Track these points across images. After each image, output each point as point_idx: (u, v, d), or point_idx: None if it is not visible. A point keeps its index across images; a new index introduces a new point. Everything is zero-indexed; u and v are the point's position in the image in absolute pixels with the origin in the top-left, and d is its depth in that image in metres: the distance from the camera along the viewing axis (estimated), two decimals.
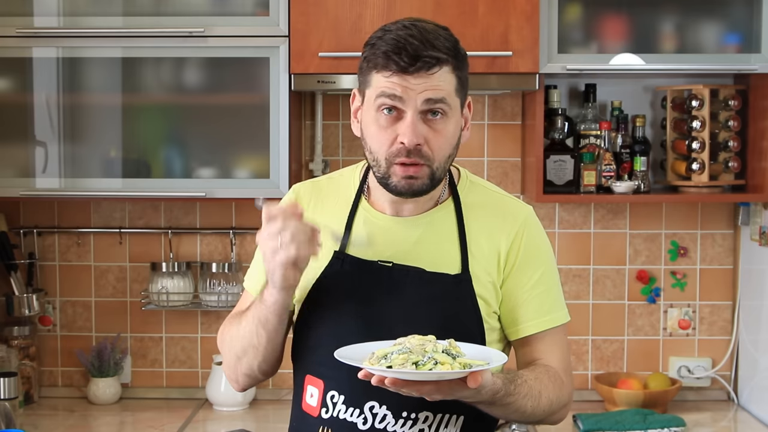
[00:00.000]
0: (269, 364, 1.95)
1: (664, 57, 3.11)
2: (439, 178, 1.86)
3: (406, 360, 1.65)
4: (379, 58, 1.78)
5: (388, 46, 1.78)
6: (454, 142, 1.86)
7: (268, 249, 1.75)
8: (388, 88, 1.79)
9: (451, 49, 1.80)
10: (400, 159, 1.81)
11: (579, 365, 3.45)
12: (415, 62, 1.76)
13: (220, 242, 3.46)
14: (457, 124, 1.85)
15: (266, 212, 1.75)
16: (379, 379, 1.64)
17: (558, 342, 1.95)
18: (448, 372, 1.62)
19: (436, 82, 1.78)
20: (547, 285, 1.94)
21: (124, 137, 3.12)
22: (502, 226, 1.93)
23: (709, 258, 3.44)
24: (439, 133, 1.82)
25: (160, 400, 3.45)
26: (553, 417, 1.92)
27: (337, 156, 3.45)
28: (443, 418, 1.86)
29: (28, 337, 3.38)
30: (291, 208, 1.75)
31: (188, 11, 3.08)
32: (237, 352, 1.94)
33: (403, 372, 1.62)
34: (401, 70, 1.77)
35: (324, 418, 1.89)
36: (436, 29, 1.82)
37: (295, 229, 1.73)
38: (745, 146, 3.24)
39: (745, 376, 3.38)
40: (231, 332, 1.97)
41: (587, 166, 3.21)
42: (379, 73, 1.80)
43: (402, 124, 1.80)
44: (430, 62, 1.77)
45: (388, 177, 1.84)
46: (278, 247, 1.73)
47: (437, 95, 1.79)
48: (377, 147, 1.83)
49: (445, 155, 1.85)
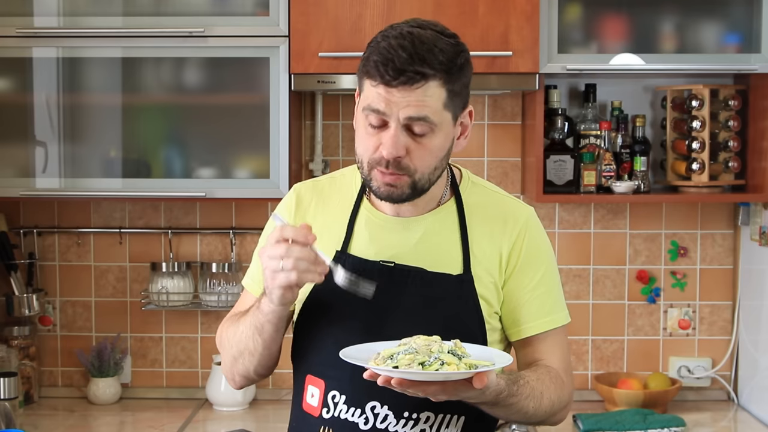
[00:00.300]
0: (265, 368, 1.95)
1: (664, 57, 3.11)
2: (422, 187, 1.85)
3: (413, 360, 1.65)
4: (370, 65, 1.78)
5: (379, 56, 1.76)
6: (441, 155, 1.84)
7: (269, 269, 1.74)
8: (373, 102, 1.78)
9: (444, 63, 1.76)
10: (380, 168, 1.81)
11: (579, 365, 3.45)
12: (398, 76, 1.74)
13: (220, 242, 3.46)
14: (446, 136, 1.83)
15: (278, 233, 1.73)
16: (386, 380, 1.64)
17: (559, 343, 1.95)
18: (454, 372, 1.62)
19: (420, 97, 1.76)
20: (548, 286, 1.94)
21: (124, 137, 3.12)
22: (504, 227, 1.93)
23: (709, 258, 3.44)
24: (423, 146, 1.80)
25: (160, 400, 3.45)
26: (554, 417, 1.92)
27: (337, 156, 3.45)
28: (444, 418, 1.87)
29: (28, 337, 3.38)
30: (302, 234, 1.73)
31: (188, 11, 3.07)
32: (233, 354, 1.95)
33: (410, 372, 1.62)
34: (385, 83, 1.76)
35: (325, 418, 1.89)
36: (435, 38, 1.78)
37: (299, 255, 1.72)
38: (745, 146, 3.24)
39: (745, 376, 3.38)
40: (228, 333, 1.97)
41: (587, 166, 3.21)
42: (368, 80, 1.79)
43: (385, 134, 1.79)
44: (414, 78, 1.74)
45: (370, 180, 1.84)
46: (279, 269, 1.72)
47: (419, 113, 1.76)
48: (362, 150, 1.84)
49: (429, 167, 1.83)
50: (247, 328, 1.88)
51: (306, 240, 1.72)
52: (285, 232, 1.73)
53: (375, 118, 1.79)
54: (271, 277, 1.74)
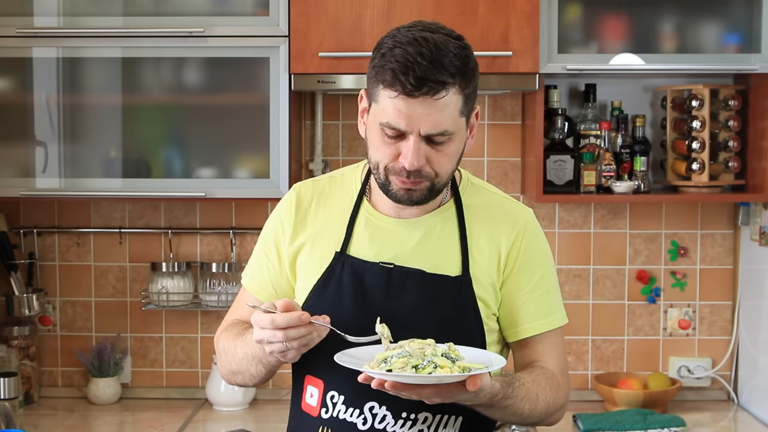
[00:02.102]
0: (264, 381, 1.98)
1: (664, 57, 3.11)
2: (440, 189, 1.86)
3: (406, 363, 1.66)
4: (387, 74, 1.75)
5: (397, 64, 1.74)
6: (457, 158, 1.86)
7: (275, 352, 1.76)
8: (393, 120, 1.76)
9: (460, 68, 1.76)
10: (400, 178, 1.81)
11: (579, 365, 3.45)
12: (421, 86, 1.73)
13: (220, 242, 3.46)
14: (461, 140, 1.84)
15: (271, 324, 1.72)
16: (379, 383, 1.64)
17: (556, 344, 1.96)
18: (447, 375, 1.63)
19: (441, 107, 1.75)
20: (546, 288, 1.95)
21: (124, 137, 3.12)
22: (503, 228, 1.94)
23: (709, 258, 3.44)
24: (442, 153, 1.81)
25: (160, 400, 3.45)
26: (549, 419, 1.93)
27: (337, 156, 3.45)
28: (442, 418, 1.87)
29: (28, 337, 3.38)
30: (296, 319, 1.72)
31: (188, 11, 3.07)
32: (232, 369, 1.97)
33: (403, 375, 1.63)
34: (406, 93, 1.74)
35: (324, 418, 1.89)
36: (446, 42, 1.76)
37: (301, 334, 1.73)
38: (745, 146, 3.24)
39: (745, 376, 3.38)
40: (226, 347, 1.98)
41: (587, 166, 3.21)
42: (386, 91, 1.77)
43: (405, 145, 1.78)
44: (436, 87, 1.73)
45: (388, 184, 1.84)
46: (286, 349, 1.74)
47: (437, 129, 1.76)
48: (379, 158, 1.83)
49: (448, 171, 1.84)
50: (248, 358, 1.90)
51: (302, 321, 1.72)
52: (278, 322, 1.71)
53: (392, 131, 1.78)
54: (282, 355, 1.77)
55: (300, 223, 1.98)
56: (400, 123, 1.76)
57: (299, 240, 1.97)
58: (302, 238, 1.97)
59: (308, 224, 1.98)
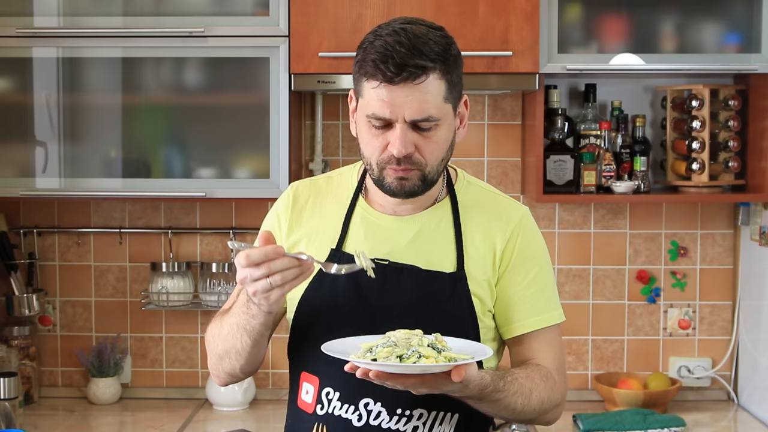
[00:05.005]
0: (251, 365, 1.96)
1: (664, 57, 3.11)
2: (432, 180, 1.87)
3: (391, 353, 1.66)
4: (368, 65, 1.78)
5: (376, 54, 1.77)
6: (447, 146, 1.86)
7: (260, 290, 1.71)
8: (377, 110, 1.79)
9: (440, 54, 1.79)
10: (391, 166, 1.82)
11: (579, 365, 3.45)
12: (400, 71, 1.75)
13: (220, 242, 3.46)
14: (449, 127, 1.85)
15: (246, 258, 1.70)
16: (364, 372, 1.65)
17: (551, 342, 1.95)
18: (431, 365, 1.63)
19: (422, 95, 1.77)
20: (541, 285, 1.95)
21: (124, 137, 3.13)
22: (498, 225, 1.94)
23: (709, 258, 3.44)
24: (430, 139, 1.82)
25: (160, 400, 3.45)
26: (545, 416, 1.92)
27: (337, 156, 3.46)
28: (438, 415, 1.87)
29: (28, 337, 3.39)
30: (272, 251, 1.70)
31: (188, 11, 3.08)
32: (219, 353, 1.95)
33: (387, 365, 1.63)
34: (387, 81, 1.76)
35: (319, 414, 1.90)
36: (427, 32, 1.80)
37: (282, 266, 1.70)
38: (745, 146, 3.24)
39: (745, 376, 3.38)
40: (214, 331, 1.97)
41: (587, 166, 3.21)
42: (368, 82, 1.80)
43: (392, 134, 1.80)
44: (416, 72, 1.76)
45: (382, 179, 1.85)
46: (270, 287, 1.71)
47: (422, 114, 1.78)
48: (369, 153, 1.85)
49: (438, 159, 1.85)
50: (233, 329, 1.88)
51: (277, 253, 1.70)
52: (253, 257, 1.69)
53: (379, 121, 1.80)
54: (265, 296, 1.73)
55: (296, 220, 1.99)
56: (385, 111, 1.78)
57: (295, 236, 1.98)
58: (298, 234, 1.98)
59: (304, 221, 1.99)
